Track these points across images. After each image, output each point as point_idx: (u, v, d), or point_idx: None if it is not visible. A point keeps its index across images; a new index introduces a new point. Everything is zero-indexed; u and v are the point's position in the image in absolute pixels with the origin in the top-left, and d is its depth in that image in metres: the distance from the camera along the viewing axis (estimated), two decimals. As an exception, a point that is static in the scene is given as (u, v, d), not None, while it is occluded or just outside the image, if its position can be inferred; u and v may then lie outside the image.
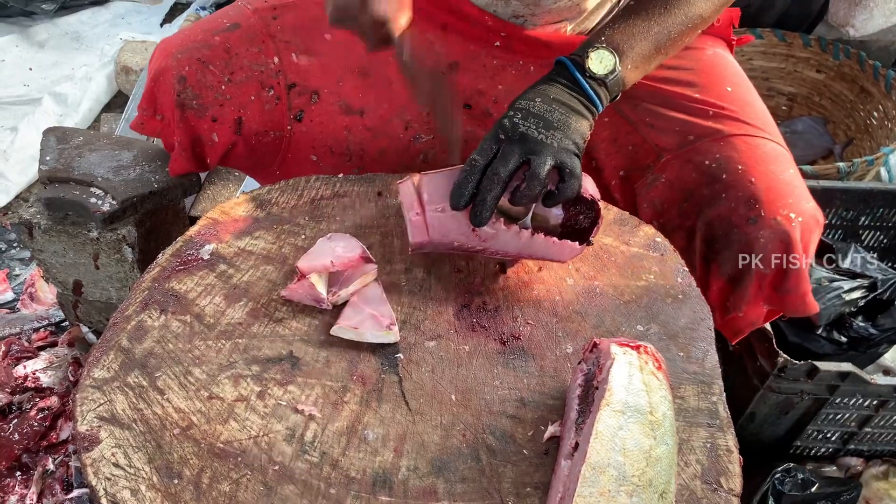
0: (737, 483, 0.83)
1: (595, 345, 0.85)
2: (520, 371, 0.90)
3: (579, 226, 0.97)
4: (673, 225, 1.10)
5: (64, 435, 1.32)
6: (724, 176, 1.04)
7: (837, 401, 1.31)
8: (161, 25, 2.37)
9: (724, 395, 0.90)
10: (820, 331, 1.42)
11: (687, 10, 0.97)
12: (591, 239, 0.94)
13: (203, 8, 2.41)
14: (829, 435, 1.43)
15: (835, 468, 1.49)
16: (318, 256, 0.95)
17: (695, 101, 1.09)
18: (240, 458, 0.81)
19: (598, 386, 0.79)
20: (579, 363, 0.88)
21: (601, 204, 0.95)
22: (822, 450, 1.47)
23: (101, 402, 0.85)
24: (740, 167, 1.03)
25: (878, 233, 1.64)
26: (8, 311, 1.66)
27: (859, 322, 1.42)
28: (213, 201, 1.73)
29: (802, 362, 1.24)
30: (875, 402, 1.33)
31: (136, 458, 0.80)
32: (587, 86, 0.94)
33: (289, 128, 1.22)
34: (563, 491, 0.74)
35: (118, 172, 1.31)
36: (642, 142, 1.13)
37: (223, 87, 1.17)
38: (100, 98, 2.11)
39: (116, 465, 0.79)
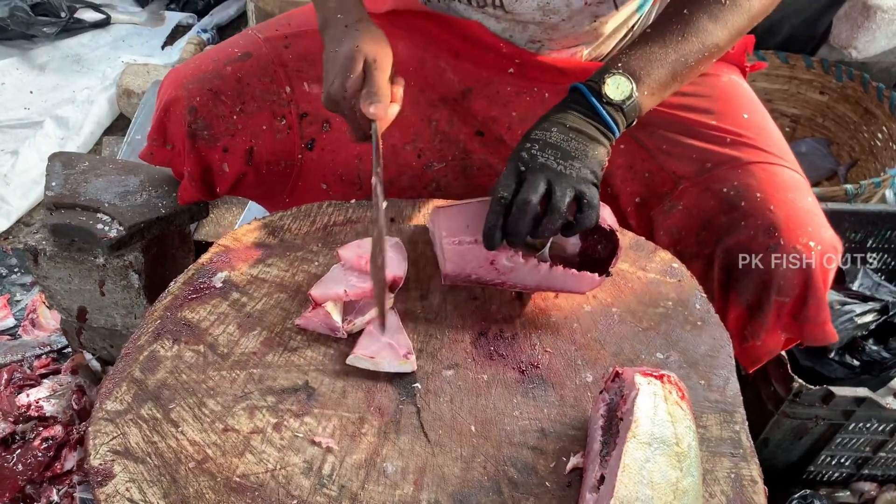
0: (764, 515, 0.81)
1: (617, 374, 0.84)
2: (540, 401, 0.89)
3: (597, 256, 0.96)
4: (690, 253, 1.09)
5: (68, 465, 1.29)
6: (742, 204, 1.03)
7: (852, 426, 1.30)
8: (162, 48, 2.37)
9: (746, 423, 0.89)
10: (832, 355, 1.41)
11: (704, 38, 0.97)
12: (609, 270, 0.93)
13: (204, 30, 2.41)
14: (842, 460, 1.41)
15: (849, 493, 1.48)
16: (332, 285, 0.93)
17: (712, 128, 1.09)
18: (257, 493, 0.79)
19: (623, 417, 0.78)
20: (601, 393, 0.86)
21: (619, 233, 0.94)
22: (836, 475, 1.45)
23: (115, 435, 0.83)
24: (759, 195, 1.03)
25: (886, 255, 1.63)
26: (9, 337, 1.64)
27: (871, 346, 1.41)
28: (216, 225, 1.72)
29: (818, 387, 1.23)
30: (889, 427, 1.31)
31: (150, 492, 0.78)
32: (604, 112, 0.93)
33: (300, 156, 1.21)
34: (591, 526, 0.72)
35: (125, 198, 1.30)
36: (659, 169, 1.12)
37: (235, 117, 1.17)
38: (101, 121, 2.10)
39: (131, 501, 0.77)
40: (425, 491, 0.80)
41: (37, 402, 1.37)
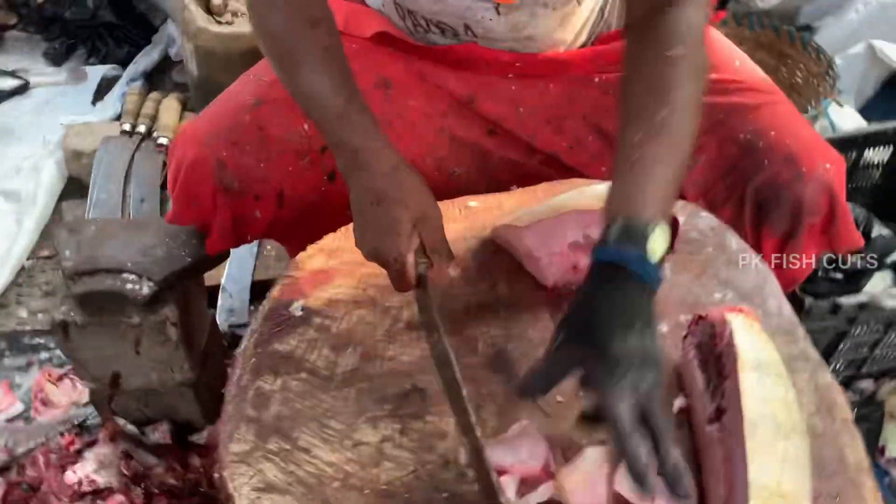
0: (847, 412, 0.92)
1: (700, 317, 0.93)
2: (629, 357, 0.97)
3: None
4: (721, 199, 1.19)
5: (144, 528, 1.28)
6: (760, 144, 1.14)
7: (857, 331, 1.44)
8: (93, 104, 2.31)
9: (808, 337, 1.00)
10: (819, 273, 1.56)
11: (691, 115, 0.90)
12: (674, 247, 0.99)
13: (133, 79, 2.36)
14: (845, 365, 1.56)
15: (850, 392, 1.63)
16: (502, 451, 0.83)
17: (713, 81, 1.18)
18: (406, 496, 0.84)
19: (724, 352, 0.87)
20: (685, 338, 0.95)
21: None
22: (839, 379, 1.60)
23: (251, 473, 0.85)
24: (773, 132, 1.14)
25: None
26: (23, 421, 1.59)
27: (852, 259, 1.57)
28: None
29: (826, 301, 1.36)
30: (884, 325, 1.47)
31: (307, 518, 0.81)
32: (654, 279, 0.80)
33: (323, 189, 1.24)
34: (724, 451, 0.80)
35: (146, 254, 1.29)
36: None
37: (262, 164, 1.18)
38: (53, 188, 2.04)
39: (294, 530, 0.80)
40: (558, 458, 0.86)
41: (87, 477, 1.34)
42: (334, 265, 1.07)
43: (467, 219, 1.13)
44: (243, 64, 2.03)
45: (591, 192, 1.04)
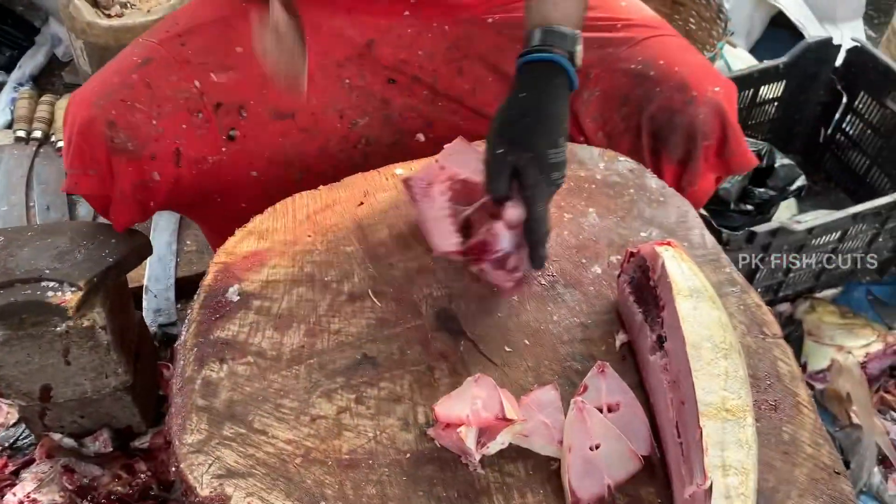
0: (776, 328, 0.97)
1: (632, 254, 0.96)
2: (568, 301, 0.99)
3: None
4: (619, 130, 1.23)
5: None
6: (651, 73, 1.18)
7: (771, 257, 1.52)
8: (-22, 114, 2.18)
9: (732, 264, 1.05)
10: (731, 206, 1.63)
11: None
12: None
13: (20, 84, 2.23)
14: (763, 290, 1.65)
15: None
16: (458, 405, 0.84)
17: (600, 19, 1.23)
18: (371, 461, 0.84)
19: (658, 283, 0.90)
20: (619, 276, 0.98)
21: None
22: (759, 306, 1.69)
23: (210, 462, 0.84)
24: (662, 62, 1.18)
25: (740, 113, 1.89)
26: (-52, 451, 1.50)
27: (759, 190, 1.65)
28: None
29: (741, 231, 1.43)
30: (795, 249, 1.55)
31: (273, 497, 0.81)
32: (570, 70, 0.99)
33: (223, 149, 1.22)
34: (673, 375, 0.84)
35: (63, 259, 1.23)
36: None
37: (154, 122, 1.16)
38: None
39: (263, 509, 0.80)
40: (514, 405, 0.88)
41: (28, 497, 1.28)
42: (266, 246, 1.05)
43: (396, 187, 1.13)
44: (139, 56, 1.98)
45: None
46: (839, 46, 1.91)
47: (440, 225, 0.99)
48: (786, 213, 1.82)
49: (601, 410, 0.85)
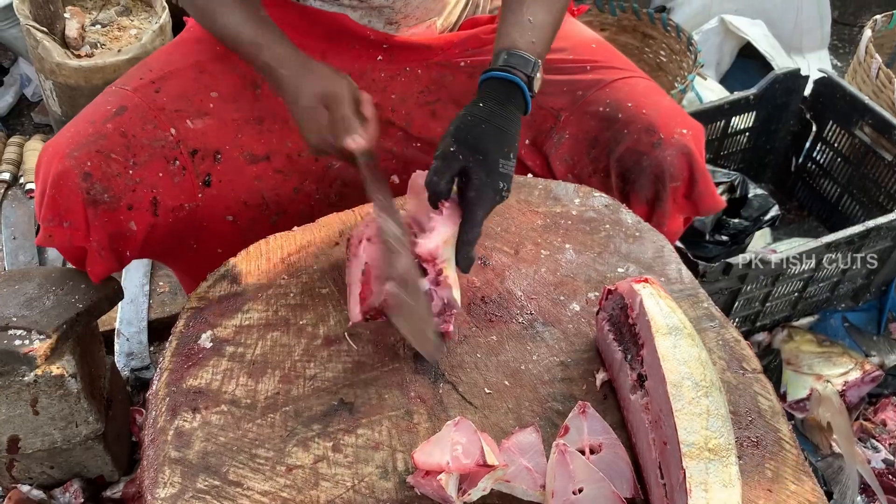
0: (756, 363, 0.97)
1: (610, 291, 0.96)
2: (548, 340, 0.98)
3: None
4: (587, 172, 1.23)
5: None
6: (619, 115, 1.19)
7: (747, 288, 1.52)
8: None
9: (710, 298, 1.05)
10: (707, 237, 1.64)
11: None
12: None
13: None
14: (741, 320, 1.65)
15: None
16: (437, 451, 0.82)
17: (571, 62, 1.24)
18: (349, 511, 0.82)
19: (636, 321, 0.90)
20: (598, 313, 0.97)
21: None
22: (737, 336, 1.70)
23: (183, 517, 0.81)
24: (630, 104, 1.19)
25: (714, 144, 1.91)
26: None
27: (734, 221, 1.66)
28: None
29: (718, 263, 1.43)
30: (771, 279, 1.56)
31: (248, 553, 0.78)
32: (526, 90, 1.02)
33: (200, 195, 1.20)
34: (654, 415, 0.83)
35: (31, 306, 1.21)
36: (538, 108, 1.25)
37: (130, 172, 1.14)
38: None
39: (239, 565, 0.77)
40: (494, 449, 0.87)
41: (-5, 554, 1.24)
42: (239, 290, 1.04)
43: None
44: (110, 96, 1.97)
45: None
46: (807, 77, 1.95)
47: (353, 291, 0.98)
48: (760, 242, 1.84)
49: (583, 452, 0.84)
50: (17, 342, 1.16)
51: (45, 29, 1.99)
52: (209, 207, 1.22)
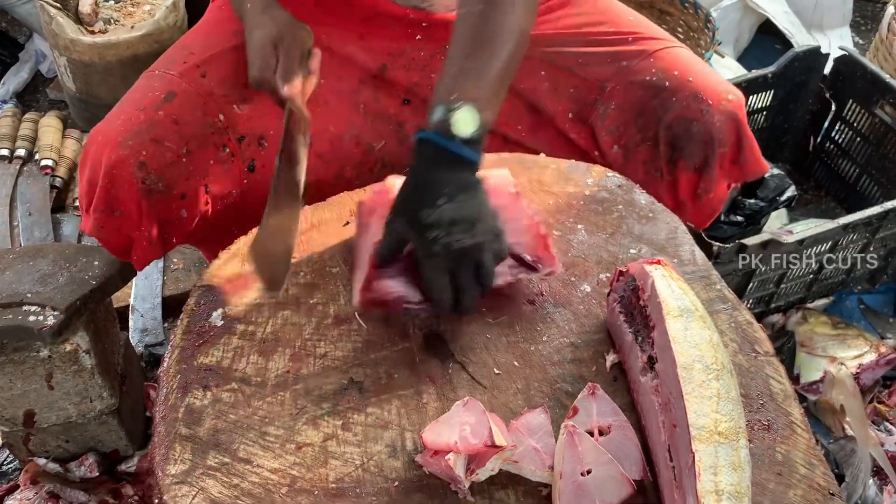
0: (768, 346, 0.96)
1: (621, 273, 0.95)
2: (558, 321, 0.98)
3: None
4: (635, 141, 1.22)
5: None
6: (666, 84, 1.19)
7: (762, 269, 1.51)
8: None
9: (723, 280, 1.04)
10: (722, 218, 1.62)
11: (513, 29, 1.00)
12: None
13: (3, 101, 2.22)
14: (755, 302, 1.64)
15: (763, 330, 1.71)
16: (446, 431, 0.82)
17: (612, 34, 1.23)
18: (358, 489, 0.82)
19: (648, 303, 0.89)
20: (609, 294, 0.97)
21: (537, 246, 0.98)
22: (751, 317, 1.68)
23: (194, 493, 0.82)
24: (676, 72, 1.19)
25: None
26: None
27: (750, 201, 1.64)
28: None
29: (732, 244, 1.42)
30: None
31: (258, 529, 0.79)
32: (465, 153, 0.93)
33: (245, 181, 1.20)
34: (664, 397, 0.82)
35: (45, 282, 1.22)
36: (582, 81, 1.25)
37: (184, 160, 1.13)
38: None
39: (247, 542, 0.78)
40: (503, 429, 0.87)
41: (12, 525, 1.26)
42: (250, 269, 1.04)
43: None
44: (123, 73, 1.97)
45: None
46: (827, 55, 1.92)
47: (357, 275, 0.97)
48: (776, 223, 1.82)
49: (592, 434, 0.83)
50: (32, 318, 1.17)
51: (58, 4, 1.99)
52: (253, 192, 1.22)
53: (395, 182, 1.02)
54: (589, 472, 0.80)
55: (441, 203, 0.90)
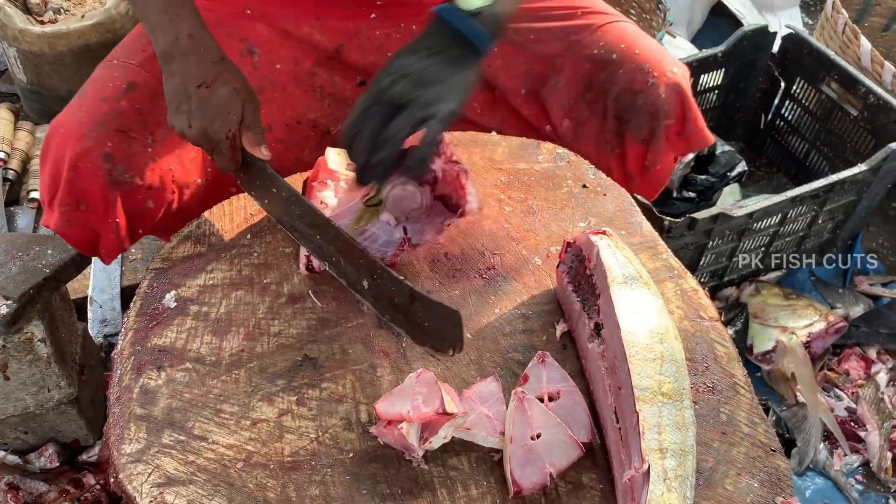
0: (713, 311, 0.99)
1: (569, 244, 0.97)
2: (509, 293, 1.00)
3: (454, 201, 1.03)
4: (585, 115, 1.24)
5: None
6: (613, 57, 1.20)
7: (713, 243, 1.55)
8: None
9: (669, 249, 1.07)
10: (674, 195, 1.66)
11: None
12: (464, 210, 1.01)
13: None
14: (709, 275, 1.67)
15: (717, 301, 1.76)
16: (399, 401, 0.84)
17: (560, 9, 1.25)
18: (314, 462, 0.84)
19: (594, 272, 0.91)
20: (558, 266, 0.99)
21: (461, 170, 1.00)
22: (705, 290, 1.72)
23: (149, 471, 0.82)
24: (622, 45, 1.21)
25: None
26: None
27: (701, 177, 1.68)
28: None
29: (683, 218, 1.45)
30: (737, 234, 1.58)
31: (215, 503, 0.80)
32: (463, 27, 0.95)
33: (209, 170, 1.19)
34: (610, 361, 0.85)
35: (-3, 272, 1.21)
36: (533, 57, 1.26)
37: (149, 150, 1.11)
38: None
39: (203, 517, 0.79)
40: (456, 399, 0.88)
41: (-29, 518, 1.25)
42: (203, 250, 1.04)
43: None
44: (76, 63, 1.95)
45: None
46: (775, 34, 1.96)
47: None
48: (730, 199, 1.86)
49: (542, 400, 0.86)
50: (-16, 308, 1.16)
51: (6, -6, 1.95)
52: (216, 182, 1.21)
53: (332, 151, 1.04)
54: (539, 436, 0.82)
55: (412, 59, 0.92)
